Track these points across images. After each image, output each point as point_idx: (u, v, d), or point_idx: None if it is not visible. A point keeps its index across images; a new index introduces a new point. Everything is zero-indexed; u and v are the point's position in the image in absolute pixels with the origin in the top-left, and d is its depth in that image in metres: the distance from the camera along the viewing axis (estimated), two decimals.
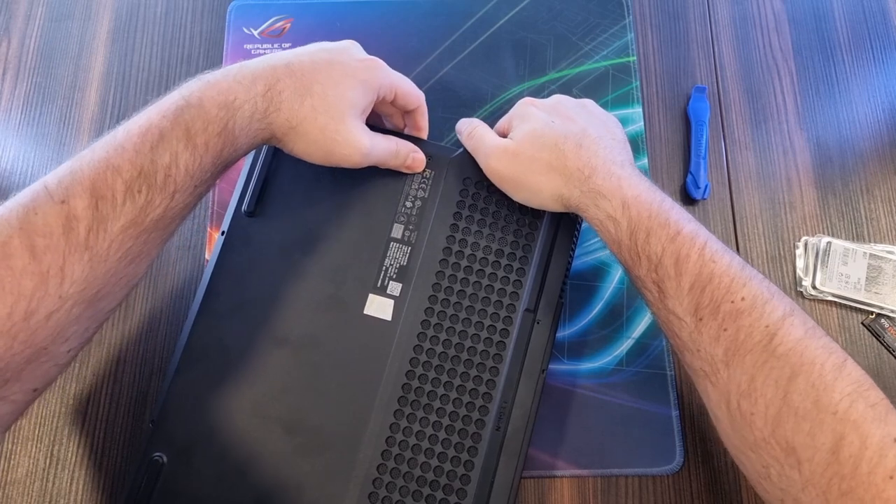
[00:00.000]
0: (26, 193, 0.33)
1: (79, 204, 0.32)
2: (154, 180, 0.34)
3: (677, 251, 0.37)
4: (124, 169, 0.33)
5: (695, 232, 0.37)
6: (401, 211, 0.45)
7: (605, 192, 0.39)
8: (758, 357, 0.34)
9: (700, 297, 0.36)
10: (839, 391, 0.32)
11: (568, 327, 0.50)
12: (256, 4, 0.58)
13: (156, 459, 0.40)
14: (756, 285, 0.35)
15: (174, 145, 0.34)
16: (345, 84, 0.40)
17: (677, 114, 0.56)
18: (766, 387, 0.33)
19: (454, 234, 0.44)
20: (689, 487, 0.47)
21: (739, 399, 0.34)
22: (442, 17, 0.58)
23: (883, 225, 0.54)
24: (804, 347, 0.33)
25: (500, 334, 0.42)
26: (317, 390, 0.41)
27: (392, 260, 0.44)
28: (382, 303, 0.43)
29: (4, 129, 0.55)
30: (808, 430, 0.32)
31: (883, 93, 0.57)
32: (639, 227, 0.38)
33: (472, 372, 0.41)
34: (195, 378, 0.42)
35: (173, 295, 0.50)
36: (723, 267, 0.36)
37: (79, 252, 0.32)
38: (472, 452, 0.40)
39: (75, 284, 0.32)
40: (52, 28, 0.58)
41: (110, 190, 0.33)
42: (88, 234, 0.32)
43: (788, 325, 0.34)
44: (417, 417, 0.41)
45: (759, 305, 0.35)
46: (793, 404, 0.32)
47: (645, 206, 0.38)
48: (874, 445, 0.30)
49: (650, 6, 0.59)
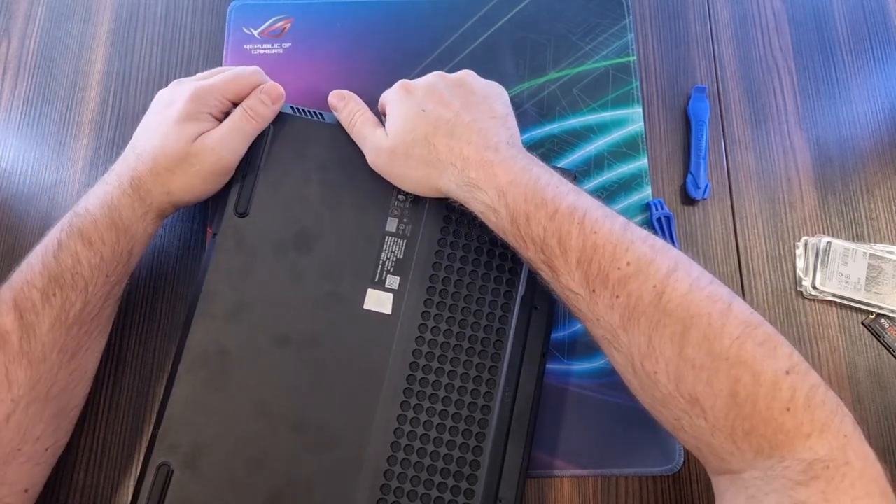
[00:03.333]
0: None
1: (7, 320, 0.37)
2: (63, 281, 0.39)
3: (558, 229, 0.37)
4: (37, 280, 0.39)
5: (573, 206, 0.37)
6: (394, 205, 0.45)
7: (480, 183, 0.39)
8: (650, 317, 0.35)
9: (588, 269, 0.36)
10: (728, 336, 0.33)
11: (567, 327, 0.50)
12: (256, 4, 0.58)
13: (164, 467, 0.40)
14: (639, 248, 0.36)
15: (72, 248, 0.40)
16: (170, 133, 0.43)
17: (677, 114, 0.56)
18: (662, 345, 0.34)
19: (448, 225, 0.44)
20: (689, 487, 0.47)
21: (642, 360, 0.35)
22: (442, 17, 0.58)
23: (883, 225, 0.54)
24: (690, 301, 0.34)
25: (500, 321, 0.43)
26: (321, 387, 0.41)
27: (388, 254, 0.44)
28: (381, 297, 0.43)
29: (4, 129, 0.55)
30: (706, 380, 0.33)
31: (883, 93, 0.57)
32: (517, 212, 0.38)
33: (475, 360, 0.42)
34: (196, 383, 0.42)
35: (173, 295, 0.50)
36: (604, 236, 0.36)
37: (17, 359, 0.37)
38: (479, 438, 0.41)
39: (22, 387, 0.37)
40: (52, 28, 0.58)
41: (29, 301, 0.38)
42: (21, 342, 0.37)
43: (673, 281, 0.35)
44: (424, 408, 0.41)
45: (643, 268, 0.35)
46: (689, 358, 0.33)
47: (521, 189, 0.38)
48: (767, 382, 0.32)
49: (650, 6, 0.59)
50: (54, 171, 0.54)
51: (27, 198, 0.53)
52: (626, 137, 0.54)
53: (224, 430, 0.41)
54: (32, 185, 0.53)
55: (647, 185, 0.54)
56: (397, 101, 0.44)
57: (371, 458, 0.40)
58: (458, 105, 0.42)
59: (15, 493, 0.38)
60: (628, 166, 0.54)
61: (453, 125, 0.41)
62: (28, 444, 0.37)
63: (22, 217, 0.53)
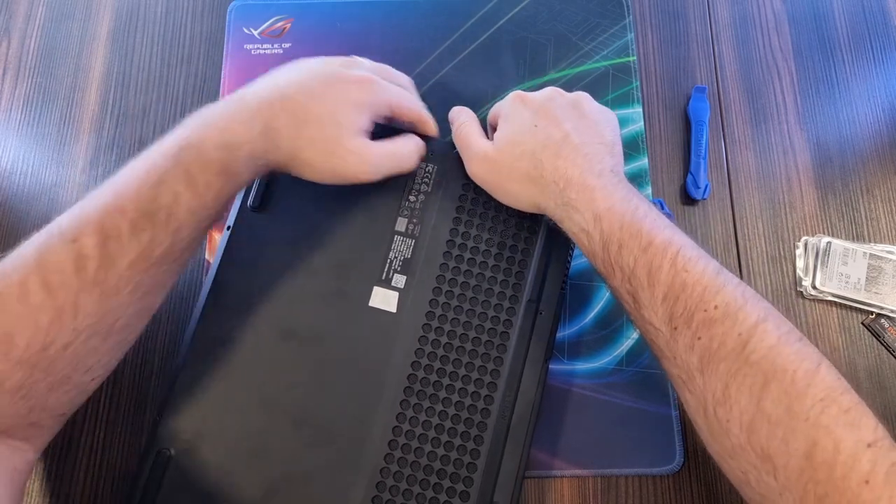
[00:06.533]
0: (42, 234, 0.35)
1: (88, 242, 0.34)
2: (157, 219, 0.35)
3: (649, 262, 0.36)
4: (129, 209, 0.35)
5: (668, 240, 0.37)
6: (404, 205, 0.45)
7: (578, 206, 0.39)
8: (731, 365, 0.34)
9: (673, 306, 0.36)
10: (811, 397, 0.32)
11: (568, 327, 0.50)
12: (256, 4, 0.58)
13: (163, 452, 0.40)
14: (730, 292, 0.35)
15: (174, 186, 0.36)
16: (339, 110, 0.40)
17: (677, 114, 0.56)
18: (739, 394, 0.33)
19: (457, 227, 0.44)
20: (689, 487, 0.47)
21: (715, 406, 0.34)
22: (442, 17, 0.58)
23: (883, 225, 0.54)
24: (776, 354, 0.33)
25: (504, 325, 0.42)
26: (324, 383, 0.42)
27: (396, 253, 0.44)
28: (387, 295, 0.43)
29: (4, 129, 0.55)
30: (781, 437, 0.32)
31: (883, 93, 0.57)
32: (611, 239, 0.38)
33: (477, 362, 0.42)
34: (202, 371, 0.42)
35: (173, 296, 0.50)
36: (695, 276, 0.36)
37: (90, 288, 0.34)
38: (477, 441, 0.40)
39: (88, 317, 0.34)
40: (52, 28, 0.58)
41: (116, 229, 0.34)
42: (98, 271, 0.34)
43: (761, 331, 0.34)
44: (423, 408, 0.41)
45: (731, 313, 0.34)
46: (766, 411, 0.32)
47: (617, 217, 0.38)
48: (847, 450, 0.31)
49: (650, 6, 0.59)
50: (54, 171, 0.54)
51: (27, 198, 0.53)
52: (626, 137, 0.54)
53: (226, 419, 0.41)
54: (32, 185, 0.53)
55: (648, 185, 0.54)
56: (511, 113, 0.43)
57: (369, 455, 0.40)
58: (569, 127, 0.42)
59: (52, 417, 0.37)
60: (628, 166, 0.54)
61: (561, 146, 0.40)
62: (78, 373, 0.36)
63: (22, 217, 0.53)
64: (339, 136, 0.40)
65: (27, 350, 0.33)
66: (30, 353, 0.33)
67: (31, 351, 0.33)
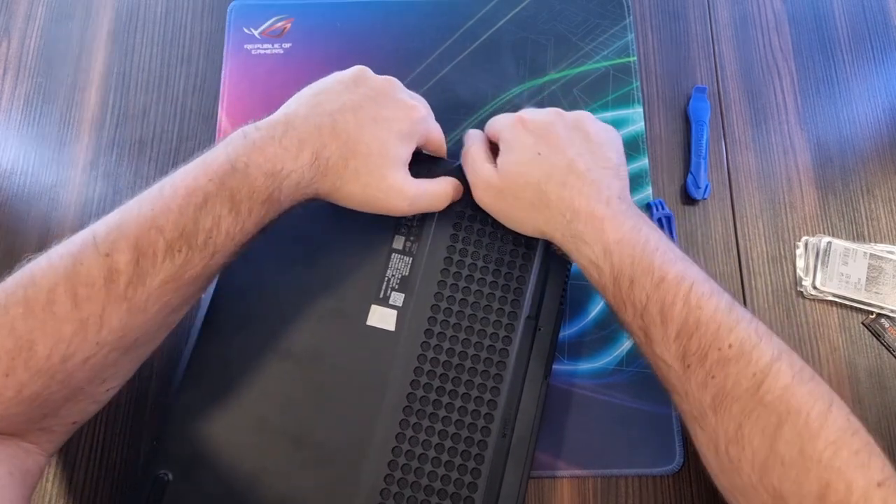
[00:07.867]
0: (76, 241, 0.34)
1: (121, 258, 0.33)
2: (195, 241, 0.35)
3: (662, 298, 0.36)
4: (167, 229, 0.34)
5: (681, 275, 0.37)
6: (402, 222, 0.45)
7: (587, 238, 0.38)
8: (745, 405, 0.34)
9: (687, 344, 0.36)
10: (824, 439, 0.32)
11: (568, 327, 0.50)
12: (257, 4, 0.58)
13: (161, 477, 0.40)
14: (743, 330, 0.35)
15: (218, 210, 0.35)
16: (388, 142, 0.40)
17: (677, 114, 0.56)
18: (753, 435, 0.33)
19: (455, 244, 0.44)
20: (689, 487, 0.47)
21: (727, 445, 0.34)
22: (442, 17, 0.58)
23: (883, 225, 0.54)
24: (791, 395, 0.33)
25: (503, 342, 0.42)
26: (322, 403, 0.41)
27: (394, 271, 0.44)
28: (385, 313, 0.43)
29: (4, 129, 0.55)
30: (794, 478, 0.32)
31: (883, 93, 0.57)
32: (622, 274, 0.37)
33: (476, 380, 0.41)
34: (198, 394, 0.41)
35: None
36: (709, 313, 0.35)
37: (117, 303, 0.33)
38: (478, 460, 0.40)
39: (112, 332, 0.34)
40: (52, 28, 0.58)
41: (152, 247, 0.34)
42: (128, 287, 0.33)
43: (776, 371, 0.34)
44: (423, 427, 0.41)
45: (746, 352, 0.34)
46: (779, 452, 0.33)
47: (627, 250, 0.37)
48: (859, 491, 0.31)
49: (650, 6, 0.59)
50: (54, 171, 0.54)
51: (27, 198, 0.53)
52: (626, 138, 0.54)
53: (224, 441, 0.40)
54: (32, 185, 0.53)
55: (648, 186, 0.54)
56: (512, 139, 0.42)
57: (368, 476, 0.40)
58: (574, 152, 0.41)
59: (64, 424, 0.36)
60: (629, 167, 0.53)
61: (566, 174, 0.40)
62: (93, 385, 0.35)
63: (22, 217, 0.53)
64: (382, 171, 0.40)
65: (47, 360, 0.32)
66: (50, 363, 0.32)
67: (51, 361, 0.32)
